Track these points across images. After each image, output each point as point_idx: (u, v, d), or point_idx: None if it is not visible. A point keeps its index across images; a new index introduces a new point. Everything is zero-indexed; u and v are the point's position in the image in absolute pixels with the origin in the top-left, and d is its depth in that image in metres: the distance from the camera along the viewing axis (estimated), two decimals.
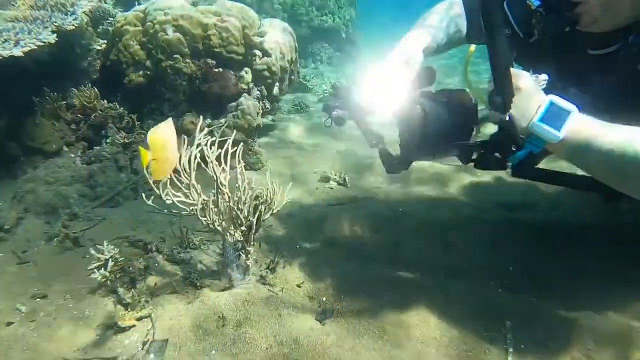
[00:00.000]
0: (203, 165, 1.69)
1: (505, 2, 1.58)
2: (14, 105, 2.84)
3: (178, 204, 1.66)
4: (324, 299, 1.75)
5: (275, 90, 3.38)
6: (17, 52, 2.07)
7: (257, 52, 3.19)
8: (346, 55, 8.39)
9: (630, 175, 1.15)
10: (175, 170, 1.62)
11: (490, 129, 1.28)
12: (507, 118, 1.20)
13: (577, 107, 1.20)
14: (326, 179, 2.91)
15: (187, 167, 1.68)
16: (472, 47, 1.91)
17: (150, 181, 1.59)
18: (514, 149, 1.23)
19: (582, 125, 1.18)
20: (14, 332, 1.57)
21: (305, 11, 7.82)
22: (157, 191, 1.65)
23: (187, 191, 1.68)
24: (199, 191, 1.66)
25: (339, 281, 1.83)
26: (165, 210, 1.79)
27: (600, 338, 1.47)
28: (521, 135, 1.21)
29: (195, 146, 1.68)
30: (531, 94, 1.23)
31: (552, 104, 1.20)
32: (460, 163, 1.30)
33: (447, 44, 1.72)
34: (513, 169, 1.32)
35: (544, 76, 1.47)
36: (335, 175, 2.91)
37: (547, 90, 1.29)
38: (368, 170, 3.07)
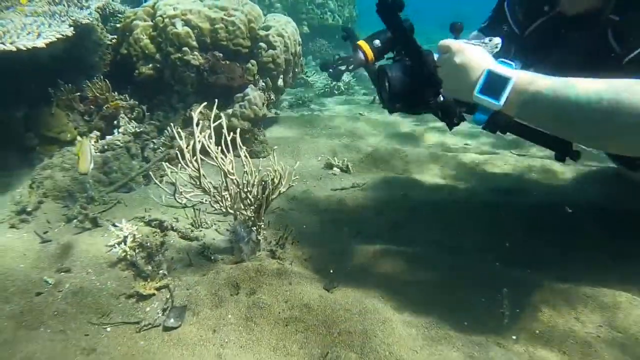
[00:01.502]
0: (204, 158, 1.80)
1: (505, 2, 1.69)
2: (31, 98, 2.95)
3: (192, 199, 1.79)
4: (331, 270, 1.86)
5: (280, 82, 3.49)
6: (40, 43, 2.18)
7: (263, 45, 3.30)
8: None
9: (577, 122, 1.18)
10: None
11: None
12: (441, 99, 1.30)
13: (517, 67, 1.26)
14: (330, 166, 3.03)
15: (193, 161, 1.79)
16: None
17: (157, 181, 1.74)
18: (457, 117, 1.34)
19: (525, 86, 1.23)
20: (44, 300, 1.69)
21: (305, 9, 7.94)
22: (166, 191, 1.76)
23: (196, 181, 1.80)
24: (209, 182, 1.78)
25: (345, 256, 1.95)
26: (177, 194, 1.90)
27: (589, 303, 1.59)
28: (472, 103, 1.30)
29: (196, 137, 1.79)
30: (470, 67, 1.30)
31: (489, 73, 1.26)
32: None
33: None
34: (483, 127, 1.41)
35: (497, 40, 1.50)
36: (338, 162, 3.02)
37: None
38: (370, 158, 3.18)
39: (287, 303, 1.65)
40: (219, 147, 1.83)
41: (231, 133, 1.87)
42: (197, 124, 1.81)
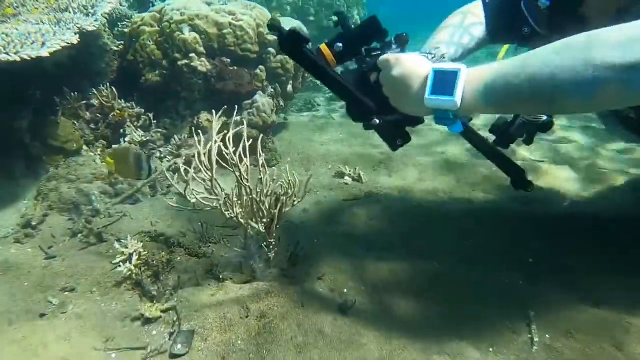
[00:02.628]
0: (221, 162, 1.72)
1: (522, 2, 1.58)
2: (36, 106, 2.90)
3: (202, 201, 1.70)
4: (345, 290, 1.77)
5: (289, 87, 3.41)
6: (44, 52, 2.12)
7: (271, 50, 3.22)
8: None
9: (544, 92, 1.02)
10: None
11: None
12: (376, 122, 1.26)
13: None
14: (340, 175, 2.94)
15: (206, 163, 1.71)
16: (501, 54, 1.97)
17: (173, 181, 1.66)
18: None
19: (477, 75, 1.11)
20: (48, 323, 1.62)
21: (314, 11, 7.84)
22: (178, 189, 1.68)
23: (209, 186, 1.72)
24: (221, 186, 1.70)
25: (359, 272, 1.86)
26: (186, 207, 1.82)
27: (631, 331, 1.48)
28: (428, 115, 1.21)
29: (213, 140, 1.70)
30: (411, 74, 1.19)
31: (435, 72, 1.15)
32: None
33: (463, 53, 1.72)
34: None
35: (442, 50, 1.42)
36: (349, 170, 2.93)
37: None
38: (382, 166, 3.09)
39: (299, 327, 1.57)
40: (236, 152, 1.74)
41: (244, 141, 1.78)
42: (216, 125, 1.72)
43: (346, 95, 1.28)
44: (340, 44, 1.35)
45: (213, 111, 1.84)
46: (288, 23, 3.50)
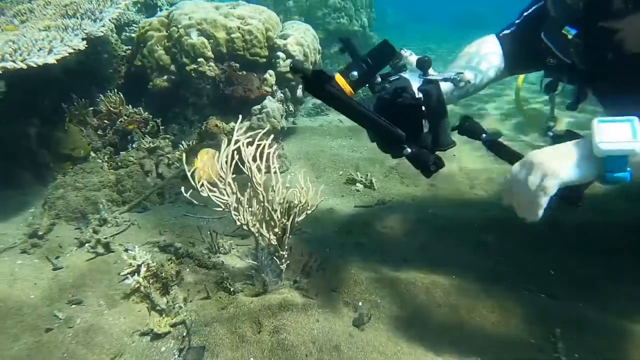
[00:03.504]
0: (240, 165, 1.66)
1: (542, 33, 1.52)
2: (44, 113, 2.88)
3: (213, 198, 1.64)
4: (360, 303, 1.71)
5: (299, 92, 3.36)
6: (51, 59, 2.09)
7: (281, 54, 3.17)
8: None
9: None
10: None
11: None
12: (408, 151, 1.27)
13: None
14: (352, 181, 2.88)
15: (223, 164, 1.65)
16: (521, 76, 1.99)
17: (189, 174, 1.61)
18: None
19: None
20: (54, 339, 1.57)
21: (322, 14, 7.80)
22: (194, 183, 1.63)
23: (222, 188, 1.65)
24: (234, 189, 1.64)
25: (374, 285, 1.79)
26: (193, 214, 1.77)
27: None
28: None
29: (232, 144, 1.64)
30: (553, 150, 1.15)
31: (602, 122, 1.09)
32: None
33: (482, 80, 1.70)
34: None
35: (468, 76, 1.39)
36: (361, 177, 2.87)
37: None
38: (394, 172, 3.02)
39: (314, 344, 1.50)
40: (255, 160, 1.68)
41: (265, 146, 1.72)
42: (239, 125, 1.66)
43: (375, 127, 1.24)
44: (355, 73, 1.32)
45: (240, 117, 1.76)
46: (298, 26, 3.46)
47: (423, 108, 1.29)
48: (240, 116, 1.72)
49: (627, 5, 1.16)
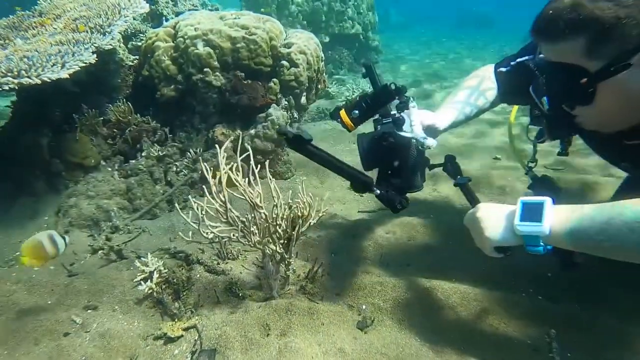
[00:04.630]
0: (230, 191, 1.73)
1: (531, 87, 1.61)
2: (55, 123, 2.97)
3: (219, 234, 1.73)
4: (364, 307, 1.78)
5: (303, 99, 3.43)
6: (64, 74, 2.17)
7: (285, 63, 3.25)
8: (366, 59, 8.41)
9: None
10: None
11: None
12: (377, 192, 1.53)
13: (551, 197, 1.27)
14: None
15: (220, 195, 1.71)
16: (512, 116, 2.25)
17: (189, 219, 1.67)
18: None
19: (566, 212, 1.22)
20: (72, 343, 1.65)
21: (325, 18, 7.88)
22: (194, 225, 1.70)
23: (223, 215, 1.73)
24: (237, 216, 1.71)
25: (377, 289, 1.86)
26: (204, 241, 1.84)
27: None
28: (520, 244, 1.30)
29: (222, 171, 1.71)
30: (495, 211, 1.36)
31: (524, 203, 1.28)
32: None
33: (477, 112, 1.95)
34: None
35: (431, 142, 1.59)
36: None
37: None
38: None
39: (320, 346, 1.57)
40: (246, 179, 1.75)
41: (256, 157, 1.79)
42: (223, 156, 1.73)
43: (349, 176, 1.46)
44: (357, 112, 1.59)
45: (223, 151, 1.83)
46: (301, 35, 3.53)
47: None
48: (239, 132, 1.78)
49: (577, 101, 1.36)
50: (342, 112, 1.63)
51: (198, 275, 1.99)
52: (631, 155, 1.54)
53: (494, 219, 1.34)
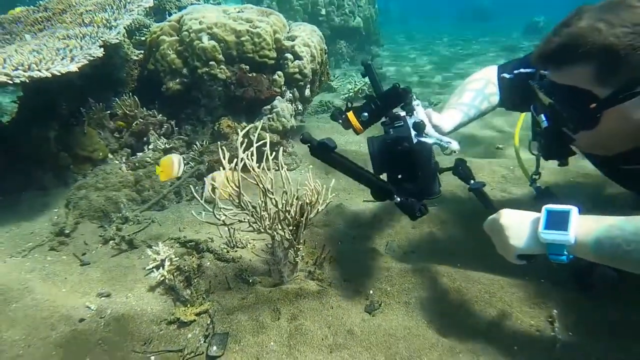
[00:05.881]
0: (245, 177, 1.76)
1: (532, 106, 1.62)
2: (62, 117, 3.00)
3: (230, 217, 1.76)
4: (371, 291, 1.82)
5: (307, 92, 3.46)
6: (73, 67, 2.21)
7: (289, 56, 3.28)
8: (368, 53, 8.44)
9: None
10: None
11: None
12: (397, 200, 1.52)
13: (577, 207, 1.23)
14: None
15: (232, 178, 1.75)
16: (519, 123, 2.21)
17: (201, 201, 1.73)
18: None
19: (588, 226, 1.18)
20: (88, 328, 1.70)
21: (325, 12, 7.89)
22: (207, 208, 1.74)
23: (235, 201, 1.77)
24: (248, 201, 1.75)
25: (384, 274, 1.91)
26: (205, 213, 1.88)
27: None
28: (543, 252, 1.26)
29: (239, 158, 1.75)
30: (519, 219, 1.31)
31: (549, 211, 1.25)
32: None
33: (479, 115, 1.95)
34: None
35: (455, 146, 1.59)
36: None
37: None
38: None
39: (329, 329, 1.62)
40: (260, 165, 1.78)
41: (267, 153, 1.83)
42: (241, 144, 1.76)
43: (372, 185, 1.46)
44: (366, 114, 1.57)
45: (240, 125, 1.88)
46: (305, 28, 3.56)
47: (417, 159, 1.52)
48: (244, 124, 1.81)
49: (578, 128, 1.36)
50: (351, 115, 1.60)
51: (208, 263, 2.03)
52: (628, 178, 1.55)
53: (518, 227, 1.30)
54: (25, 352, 1.61)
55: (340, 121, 1.63)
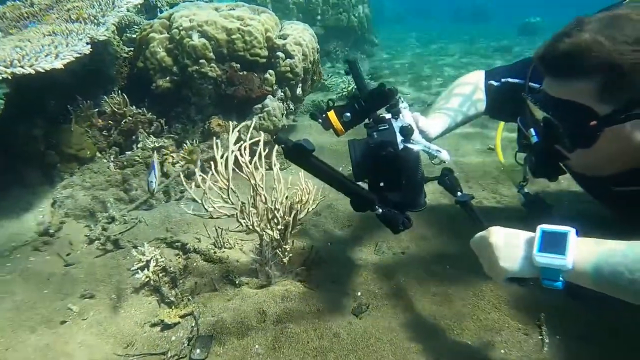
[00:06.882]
0: (237, 170, 1.74)
1: (519, 119, 1.58)
2: (50, 114, 2.96)
3: (218, 210, 1.73)
4: (359, 293, 1.80)
5: (299, 91, 3.43)
6: (58, 64, 2.16)
7: (280, 55, 3.24)
8: (362, 53, 8.41)
9: None
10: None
11: None
12: (379, 211, 1.38)
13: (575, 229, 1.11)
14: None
15: (223, 172, 1.73)
16: (499, 133, 2.18)
17: (190, 190, 1.69)
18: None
19: (586, 251, 1.06)
20: (69, 330, 1.67)
21: (320, 10, 7.86)
22: (195, 197, 1.71)
23: (225, 196, 1.74)
24: (237, 195, 1.72)
25: (372, 275, 1.88)
26: (194, 210, 1.85)
27: None
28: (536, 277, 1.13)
29: (230, 151, 1.73)
30: (510, 239, 1.18)
31: (544, 232, 1.12)
32: None
33: (465, 122, 1.88)
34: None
35: (445, 156, 1.46)
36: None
37: None
38: None
39: (315, 332, 1.59)
40: (252, 160, 1.75)
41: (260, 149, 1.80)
42: (234, 137, 1.73)
43: (351, 193, 1.33)
44: (349, 114, 1.43)
45: (231, 122, 1.85)
46: (297, 26, 3.53)
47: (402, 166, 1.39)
48: (232, 124, 1.79)
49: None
50: (332, 114, 1.46)
51: (195, 264, 2.00)
52: (619, 201, 1.47)
53: (509, 247, 1.16)
54: (2, 357, 1.57)
55: (320, 121, 1.51)
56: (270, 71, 3.23)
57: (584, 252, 1.06)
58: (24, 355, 1.57)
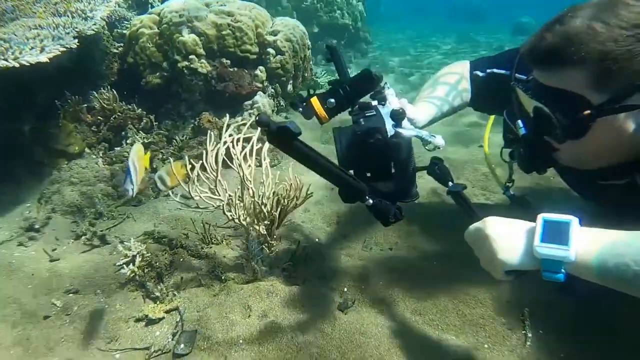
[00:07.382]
0: (227, 161, 1.73)
1: (505, 112, 1.54)
2: (38, 110, 2.93)
3: (205, 200, 1.72)
4: (345, 289, 1.79)
5: (289, 87, 3.43)
6: (43, 58, 2.14)
7: (271, 51, 3.24)
8: (356, 51, 8.41)
9: None
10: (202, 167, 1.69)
11: None
12: (370, 202, 1.28)
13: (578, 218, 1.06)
14: None
15: (213, 164, 1.73)
16: (488, 127, 2.14)
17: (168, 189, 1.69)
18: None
19: (590, 241, 1.02)
20: (52, 325, 1.65)
21: (314, 8, 7.84)
22: (183, 185, 1.71)
23: (213, 188, 1.74)
24: (225, 187, 1.72)
25: (359, 272, 1.88)
26: (186, 206, 1.85)
27: (625, 323, 1.49)
28: (536, 269, 1.08)
29: (222, 142, 1.72)
30: (508, 229, 1.12)
31: (545, 221, 1.07)
32: None
33: (450, 112, 1.81)
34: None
35: (440, 141, 1.35)
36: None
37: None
38: None
39: (299, 327, 1.59)
40: (242, 153, 1.74)
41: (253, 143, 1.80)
42: (225, 129, 1.73)
43: (338, 182, 1.22)
44: (333, 100, 1.32)
45: (227, 115, 1.84)
46: (287, 22, 3.52)
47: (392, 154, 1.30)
48: (228, 115, 1.79)
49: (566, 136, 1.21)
50: (314, 100, 1.35)
51: (181, 259, 1.99)
52: (605, 195, 1.44)
53: (507, 238, 1.10)
54: None
55: (301, 109, 1.39)
56: (261, 67, 3.23)
57: (587, 243, 1.02)
58: (3, 349, 1.55)
